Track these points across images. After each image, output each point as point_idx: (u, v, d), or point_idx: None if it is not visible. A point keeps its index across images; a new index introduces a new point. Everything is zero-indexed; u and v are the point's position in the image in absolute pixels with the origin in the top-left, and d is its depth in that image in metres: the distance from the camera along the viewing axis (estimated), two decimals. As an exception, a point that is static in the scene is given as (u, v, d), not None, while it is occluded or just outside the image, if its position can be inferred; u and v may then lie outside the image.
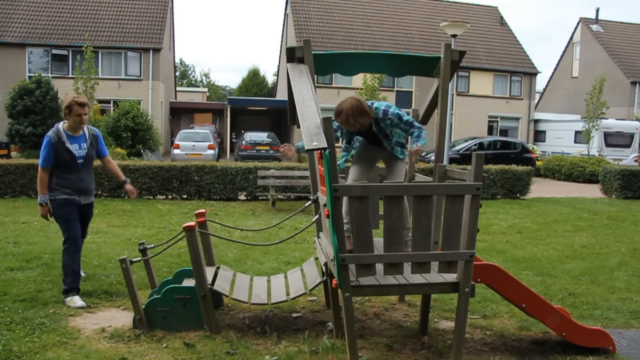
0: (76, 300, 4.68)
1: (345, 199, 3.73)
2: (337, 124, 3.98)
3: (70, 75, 23.50)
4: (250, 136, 23.49)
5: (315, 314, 4.68)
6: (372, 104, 4.06)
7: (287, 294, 4.37)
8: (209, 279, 4.22)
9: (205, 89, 54.28)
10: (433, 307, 4.80)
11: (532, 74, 31.16)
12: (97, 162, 5.29)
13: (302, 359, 3.70)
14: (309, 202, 4.31)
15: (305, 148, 3.03)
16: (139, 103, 22.97)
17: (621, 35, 34.68)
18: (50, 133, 4.83)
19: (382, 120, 4.02)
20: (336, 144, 3.31)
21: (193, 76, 69.08)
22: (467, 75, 29.71)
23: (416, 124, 4.15)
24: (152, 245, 4.65)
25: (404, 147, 4.23)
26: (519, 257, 6.97)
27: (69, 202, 4.83)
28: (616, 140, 24.13)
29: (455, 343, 3.51)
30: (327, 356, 3.72)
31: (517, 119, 30.81)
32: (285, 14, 33.48)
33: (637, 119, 27.38)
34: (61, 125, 4.88)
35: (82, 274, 5.23)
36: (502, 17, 34.25)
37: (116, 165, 5.40)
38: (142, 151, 19.26)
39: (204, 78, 69.29)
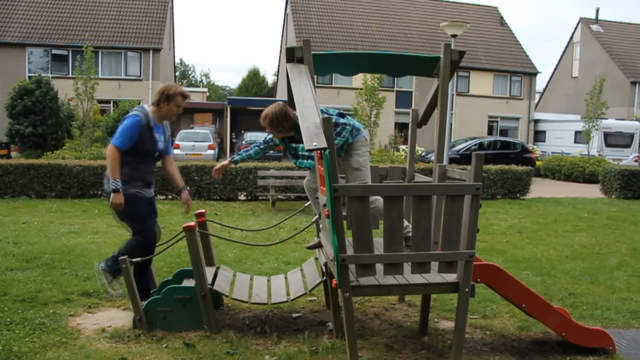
0: (117, 287, 4.44)
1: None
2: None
3: (70, 75, 23.50)
4: (250, 136, 23.49)
5: (315, 314, 4.68)
6: None
7: (287, 294, 4.38)
8: (209, 279, 4.22)
9: (205, 89, 54.23)
10: (433, 307, 4.79)
11: (532, 74, 31.18)
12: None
13: (302, 359, 3.70)
14: (309, 202, 4.31)
15: (305, 148, 3.03)
16: (139, 103, 22.92)
17: (621, 35, 34.69)
18: (138, 112, 4.19)
19: None
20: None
21: (193, 76, 69.13)
22: (467, 75, 29.73)
23: (342, 120, 3.98)
24: (152, 245, 4.64)
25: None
26: (519, 257, 6.97)
27: (140, 197, 4.30)
28: (616, 140, 24.14)
29: (455, 343, 3.51)
30: (327, 356, 3.72)
31: (517, 119, 30.83)
32: (285, 14, 33.49)
33: (637, 119, 27.38)
34: (148, 109, 4.32)
35: None
36: (502, 17, 34.27)
37: (177, 167, 4.73)
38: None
39: (204, 78, 69.39)
